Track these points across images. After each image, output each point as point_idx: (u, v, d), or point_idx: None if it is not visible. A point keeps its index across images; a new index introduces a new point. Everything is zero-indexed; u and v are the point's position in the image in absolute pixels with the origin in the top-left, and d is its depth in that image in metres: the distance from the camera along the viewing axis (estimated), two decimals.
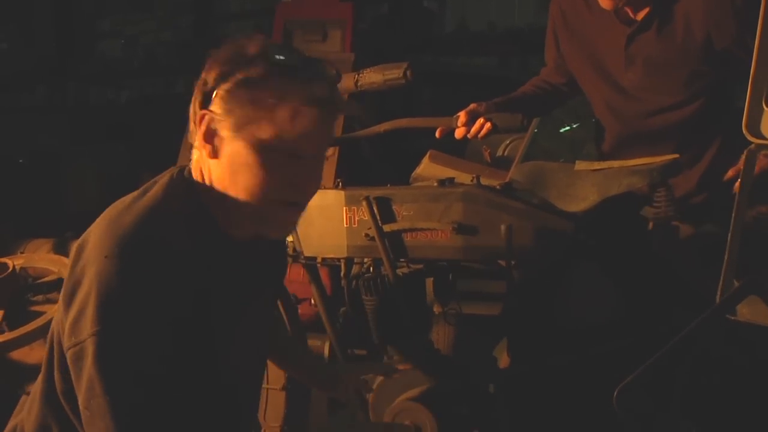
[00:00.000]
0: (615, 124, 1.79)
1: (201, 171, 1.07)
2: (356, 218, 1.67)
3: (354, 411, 1.72)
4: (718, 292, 1.20)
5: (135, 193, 1.07)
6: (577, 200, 1.54)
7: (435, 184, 1.65)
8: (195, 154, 1.08)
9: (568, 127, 2.75)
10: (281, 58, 1.02)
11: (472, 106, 1.69)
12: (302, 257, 1.78)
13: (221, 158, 1.03)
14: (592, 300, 1.53)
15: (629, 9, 1.65)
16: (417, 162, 2.48)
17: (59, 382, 1.06)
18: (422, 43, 3.94)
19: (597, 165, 1.59)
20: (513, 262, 1.57)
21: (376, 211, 1.64)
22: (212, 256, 1.04)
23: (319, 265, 1.80)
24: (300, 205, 1.09)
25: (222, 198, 1.05)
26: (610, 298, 1.53)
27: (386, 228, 1.64)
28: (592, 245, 1.59)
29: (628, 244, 1.59)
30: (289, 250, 1.87)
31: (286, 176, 1.03)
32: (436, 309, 1.74)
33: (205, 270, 1.02)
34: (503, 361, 1.67)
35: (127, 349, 0.96)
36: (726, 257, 1.17)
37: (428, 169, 2.38)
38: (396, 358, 1.71)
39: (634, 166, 1.51)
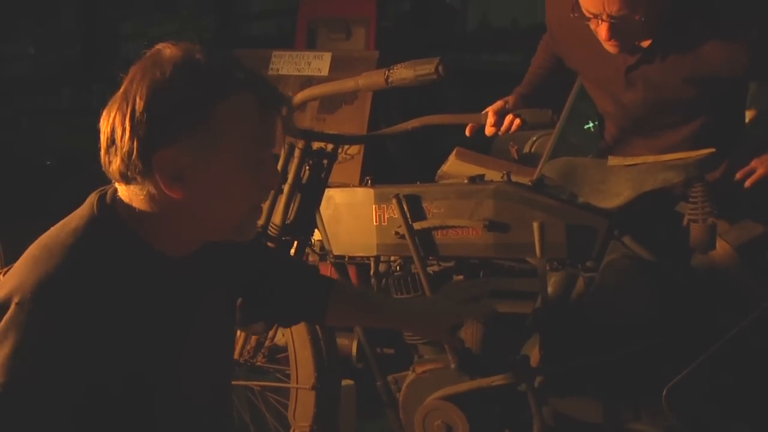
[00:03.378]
0: (617, 131, 1.75)
1: (128, 196, 1.01)
2: (386, 216, 1.66)
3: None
4: None
5: (56, 232, 1.01)
6: (610, 196, 1.51)
7: (465, 181, 1.64)
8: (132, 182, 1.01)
9: (592, 124, 2.71)
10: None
11: (498, 104, 1.68)
12: (331, 256, 1.78)
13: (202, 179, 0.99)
14: (627, 298, 1.51)
15: None
16: (443, 159, 2.46)
17: None
18: (445, 41, 3.92)
19: (630, 160, 1.57)
20: (545, 260, 1.55)
21: (406, 209, 1.63)
22: (147, 282, 1.01)
23: (347, 263, 1.80)
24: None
25: (186, 216, 1.00)
26: (645, 296, 1.50)
27: (416, 226, 1.63)
28: (627, 241, 1.57)
29: (663, 240, 1.57)
30: (317, 249, 1.87)
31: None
32: None
33: (140, 300, 0.99)
34: (535, 359, 1.65)
35: (32, 409, 0.91)
36: None
37: (455, 166, 2.37)
38: (426, 357, 1.70)
39: (669, 160, 1.48)
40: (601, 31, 1.49)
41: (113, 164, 0.98)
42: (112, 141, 0.97)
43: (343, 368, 1.89)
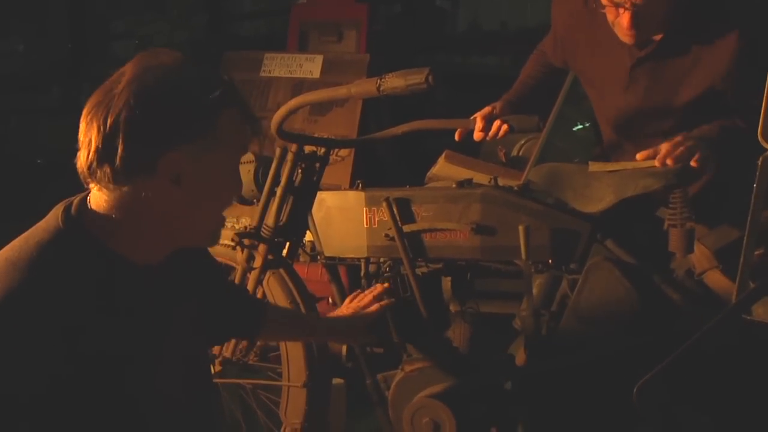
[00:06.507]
0: (611, 137, 1.79)
1: (107, 203, 1.00)
2: (376, 219, 1.70)
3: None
4: (734, 293, 1.23)
5: (19, 245, 0.99)
6: (593, 201, 1.56)
7: (454, 185, 1.68)
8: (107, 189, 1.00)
9: (581, 126, 2.76)
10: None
11: (486, 110, 1.72)
12: (322, 257, 1.82)
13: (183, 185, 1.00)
14: (609, 299, 1.56)
15: None
16: (432, 162, 2.51)
17: None
18: (435, 43, 3.96)
19: (611, 166, 1.62)
20: (530, 262, 1.60)
21: (396, 212, 1.67)
22: (117, 292, 1.00)
23: (337, 264, 1.83)
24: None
25: (167, 221, 1.01)
26: (626, 298, 1.55)
27: (406, 228, 1.67)
28: (609, 245, 1.62)
29: (644, 244, 1.62)
30: (308, 249, 1.91)
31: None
32: (454, 307, 1.77)
33: (110, 311, 0.98)
34: (520, 358, 1.70)
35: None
36: (742, 260, 1.20)
37: (444, 169, 2.41)
38: (415, 356, 1.74)
39: (649, 168, 1.53)
40: (623, 19, 1.50)
41: (107, 165, 0.96)
42: (110, 140, 0.95)
43: (332, 368, 1.92)
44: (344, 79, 1.83)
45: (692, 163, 1.46)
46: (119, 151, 0.95)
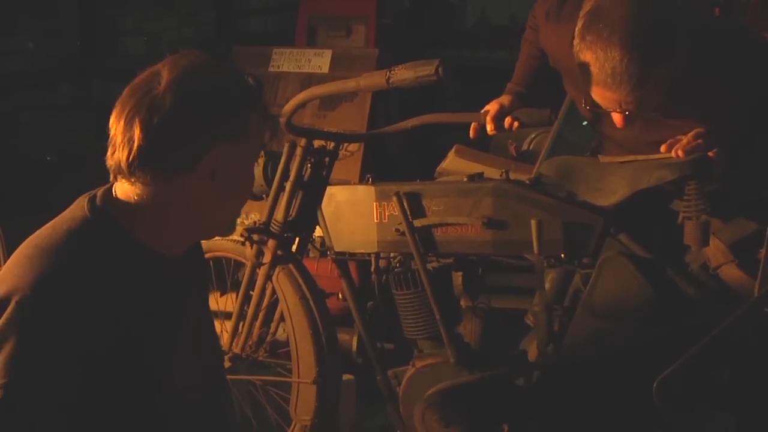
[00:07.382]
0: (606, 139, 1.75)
1: (138, 196, 1.02)
2: (387, 213, 1.69)
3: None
4: (756, 286, 1.21)
5: (47, 233, 1.02)
6: (606, 194, 1.54)
7: (464, 179, 1.66)
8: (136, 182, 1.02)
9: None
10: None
11: (495, 107, 1.70)
12: (332, 252, 1.81)
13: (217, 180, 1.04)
14: (622, 294, 1.54)
15: None
16: (442, 156, 2.49)
17: None
18: (444, 37, 3.94)
19: (622, 158, 1.59)
20: (542, 257, 1.58)
21: (406, 206, 1.65)
22: (143, 279, 1.03)
23: (347, 259, 1.82)
24: None
25: (196, 213, 1.04)
26: (641, 292, 1.53)
27: (416, 223, 1.65)
28: (623, 239, 1.59)
29: (658, 238, 1.60)
30: (317, 245, 1.90)
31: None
32: (465, 303, 1.76)
33: (134, 299, 1.01)
34: (532, 354, 1.68)
35: (34, 409, 0.94)
36: (764, 253, 1.17)
37: (454, 163, 2.40)
38: (426, 352, 1.72)
39: (663, 159, 1.50)
40: (616, 119, 1.47)
41: (149, 164, 0.99)
42: (155, 140, 0.98)
43: (343, 364, 1.91)
44: (353, 73, 1.82)
45: (710, 154, 1.43)
46: (165, 151, 0.99)
